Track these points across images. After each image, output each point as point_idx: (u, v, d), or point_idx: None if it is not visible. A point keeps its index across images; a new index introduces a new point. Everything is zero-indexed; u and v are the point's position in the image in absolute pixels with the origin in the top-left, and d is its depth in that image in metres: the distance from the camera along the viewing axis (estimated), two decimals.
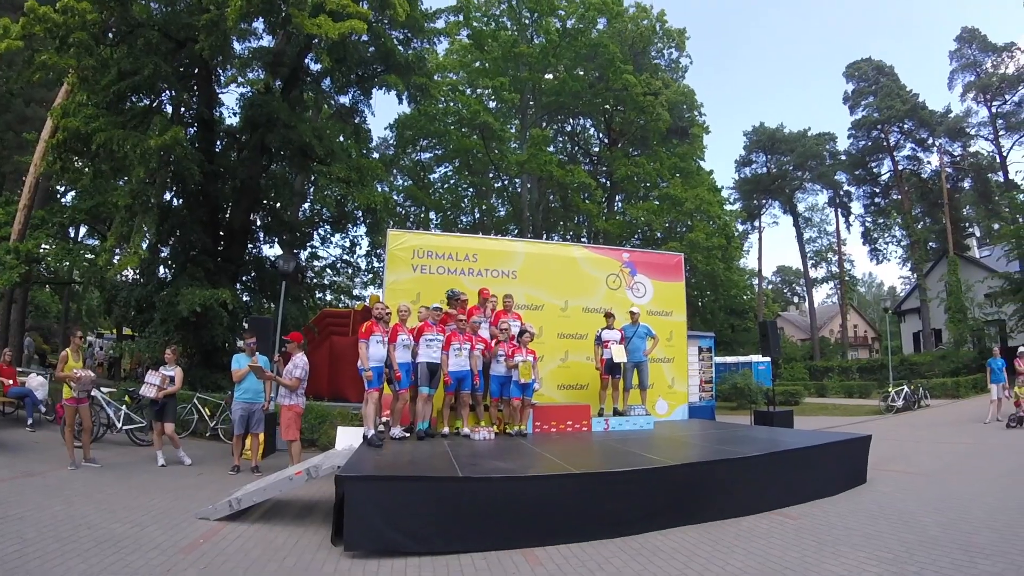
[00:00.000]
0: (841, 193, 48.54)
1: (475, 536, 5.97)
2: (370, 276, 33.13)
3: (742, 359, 28.19)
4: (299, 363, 9.88)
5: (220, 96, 20.95)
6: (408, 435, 9.27)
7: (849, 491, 8.38)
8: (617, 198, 36.46)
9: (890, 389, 22.28)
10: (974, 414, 18.39)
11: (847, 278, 50.76)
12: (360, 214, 22.02)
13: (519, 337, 10.30)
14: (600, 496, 6.50)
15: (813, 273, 52.49)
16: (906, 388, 22.21)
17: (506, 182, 35.73)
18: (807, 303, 54.93)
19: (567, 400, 12.34)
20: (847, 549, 5.77)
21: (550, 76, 31.49)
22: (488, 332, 10.67)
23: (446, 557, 5.69)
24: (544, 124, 35.02)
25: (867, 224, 47.25)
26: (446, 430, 9.99)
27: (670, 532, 6.46)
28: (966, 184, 42.75)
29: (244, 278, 21.64)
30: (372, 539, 5.82)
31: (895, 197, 44.55)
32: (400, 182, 38.26)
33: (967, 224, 44.34)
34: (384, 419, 9.45)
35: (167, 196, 19.23)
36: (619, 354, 11.56)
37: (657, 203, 31.02)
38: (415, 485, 6.23)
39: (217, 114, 20.20)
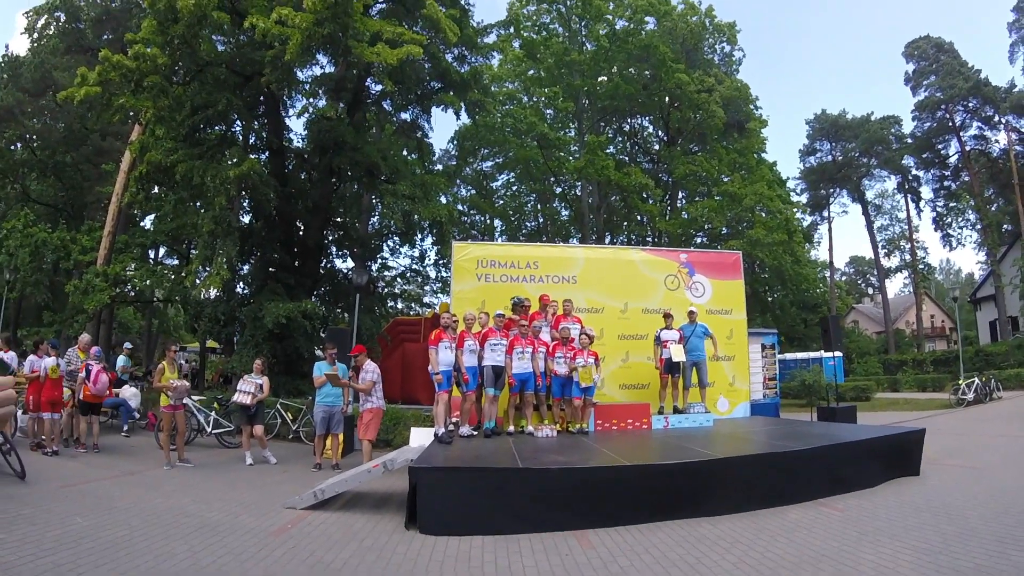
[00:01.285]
0: (910, 178, 46.89)
1: (533, 520, 6.52)
2: (439, 284, 33.94)
3: (813, 355, 27.87)
4: (369, 369, 10.67)
5: (288, 122, 22.09)
6: (475, 433, 9.87)
7: (899, 484, 8.48)
8: (680, 195, 36.43)
9: (960, 382, 21.80)
10: None
11: (921, 266, 49.21)
12: (426, 225, 22.84)
13: (578, 339, 10.84)
14: (649, 486, 6.98)
15: (885, 263, 50.87)
16: (977, 380, 21.63)
17: (567, 187, 36.10)
18: (880, 294, 53.65)
19: (628, 399, 12.70)
20: (886, 539, 5.96)
21: (604, 78, 31.71)
22: (549, 335, 11.17)
23: (507, 538, 6.25)
24: (602, 126, 35.25)
25: (938, 209, 45.52)
26: (512, 429, 10.54)
27: (717, 520, 6.80)
28: None
29: (319, 291, 22.74)
30: (442, 523, 6.47)
31: (965, 179, 42.82)
32: (464, 192, 39.06)
33: None
34: (454, 419, 10.05)
35: (245, 219, 20.45)
36: (678, 353, 11.85)
37: (718, 199, 31.00)
38: (480, 475, 6.88)
39: (286, 140, 21.26)
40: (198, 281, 18.96)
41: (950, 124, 42.33)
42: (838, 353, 18.83)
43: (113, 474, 9.74)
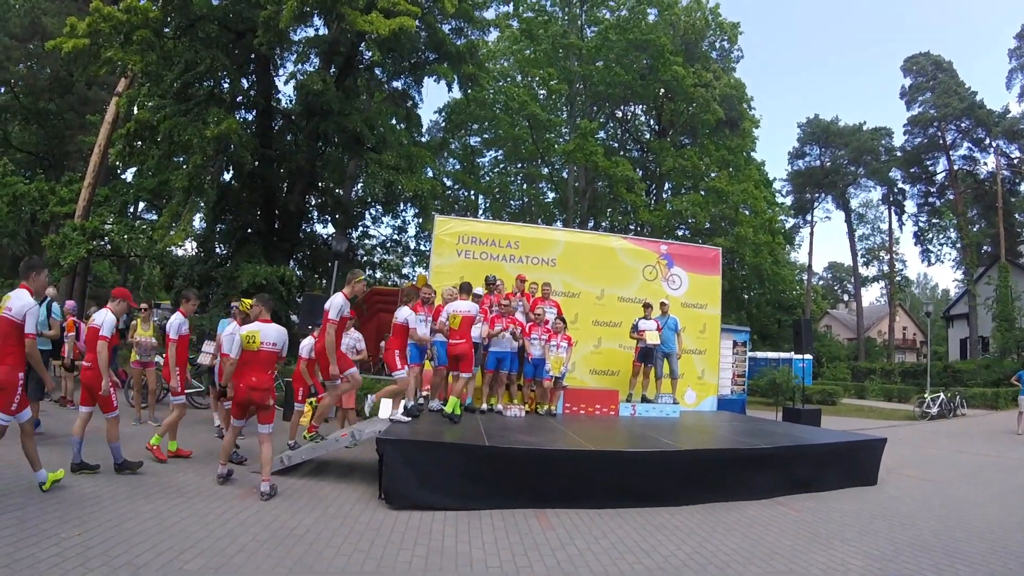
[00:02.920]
0: (895, 190, 47.53)
1: (496, 498, 6.63)
2: (418, 257, 33.82)
3: (784, 355, 28.14)
4: (356, 337, 10.49)
5: (277, 83, 21.80)
6: (443, 407, 9.85)
7: (856, 490, 8.62)
8: (666, 186, 36.47)
9: (926, 395, 22.13)
10: (1007, 426, 18.27)
11: (898, 278, 49.85)
12: (409, 196, 22.69)
13: (552, 322, 10.90)
14: (611, 472, 7.09)
15: (863, 271, 51.68)
16: (943, 395, 22.01)
17: (557, 166, 36.01)
18: (856, 302, 54.23)
19: (598, 385, 12.85)
20: (838, 543, 6.10)
21: (600, 64, 31.62)
22: (523, 315, 11.21)
23: (469, 514, 6.36)
24: (594, 110, 35.16)
25: (920, 224, 46.15)
26: (485, 406, 10.59)
27: (676, 511, 6.94)
28: (1023, 188, 41.55)
29: (298, 255, 22.55)
30: (406, 495, 6.53)
31: (950, 197, 43.34)
32: (450, 166, 38.87)
33: (1022, 230, 42.89)
34: (424, 392, 10.02)
35: (225, 177, 20.18)
36: (652, 337, 11.99)
37: (703, 195, 31.08)
38: (446, 450, 6.95)
39: (274, 100, 20.99)
40: (169, 236, 18.74)
41: (941, 142, 42.83)
42: (808, 356, 19.04)
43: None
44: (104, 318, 7.02)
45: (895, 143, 47.12)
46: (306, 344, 9.11)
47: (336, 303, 7.41)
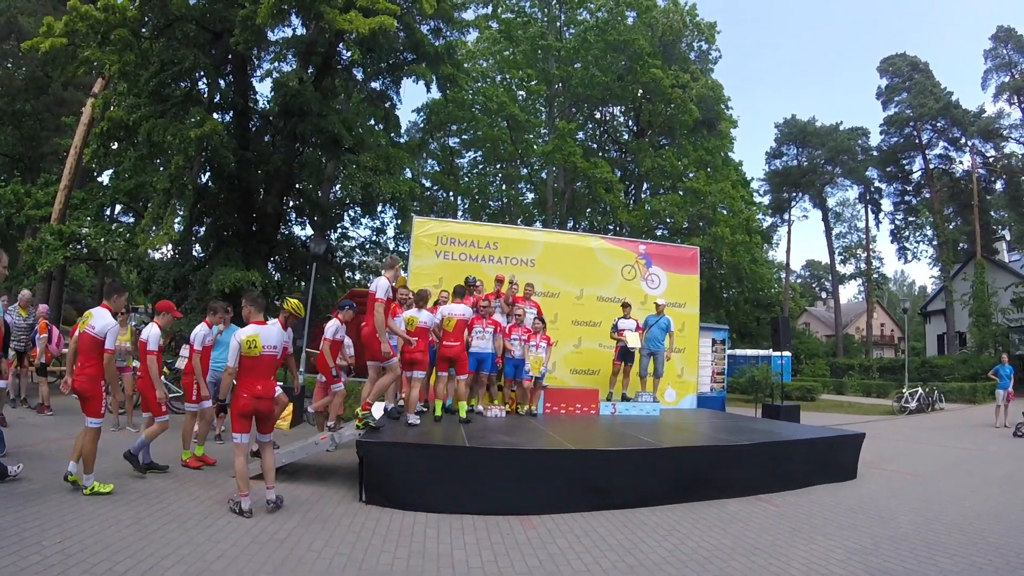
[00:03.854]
0: (872, 189, 48.33)
1: (477, 500, 6.61)
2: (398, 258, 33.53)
3: (763, 352, 28.33)
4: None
5: (255, 84, 21.60)
6: (425, 409, 9.76)
7: (836, 485, 8.74)
8: (644, 186, 36.60)
9: (904, 390, 22.41)
10: (985, 420, 18.56)
11: (875, 276, 50.44)
12: (387, 198, 22.56)
13: (531, 322, 10.91)
14: (593, 472, 7.09)
15: (841, 269, 52.42)
16: (920, 390, 22.32)
17: (536, 167, 36.01)
18: (833, 299, 54.73)
19: (578, 384, 12.89)
20: (819, 537, 6.19)
21: (579, 65, 31.67)
22: (503, 316, 11.18)
23: (450, 517, 6.34)
24: (573, 111, 35.22)
25: (897, 222, 46.96)
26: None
27: (656, 508, 7.00)
28: (998, 186, 42.20)
29: (276, 258, 22.35)
30: (386, 497, 6.54)
31: (926, 196, 44.17)
32: (428, 167, 38.73)
33: (997, 227, 43.73)
34: (403, 397, 9.95)
35: (203, 179, 19.97)
36: (633, 340, 12.06)
37: (681, 195, 31.18)
38: (426, 452, 6.91)
39: (252, 101, 20.81)
40: (149, 239, 18.53)
41: (917, 141, 43.56)
42: (787, 353, 19.15)
43: (58, 436, 9.55)
44: (150, 332, 7.48)
45: (872, 143, 48.04)
46: (331, 326, 9.00)
47: (382, 285, 7.67)
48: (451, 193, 37.96)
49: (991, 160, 41.55)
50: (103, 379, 6.59)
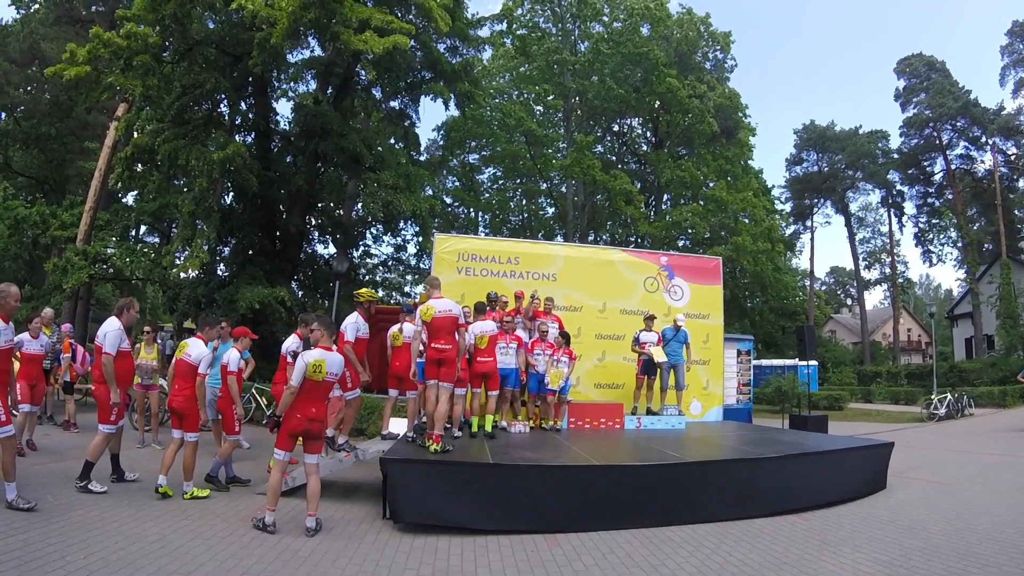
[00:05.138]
0: (894, 193, 47.75)
1: (502, 517, 6.53)
2: (419, 275, 33.80)
3: (789, 362, 28.09)
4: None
5: (275, 105, 21.93)
6: (449, 427, 9.74)
7: (866, 497, 8.57)
8: (664, 197, 36.53)
9: (933, 397, 22.07)
10: (1016, 424, 18.25)
11: (900, 280, 49.88)
12: (409, 215, 22.73)
13: (552, 336, 10.87)
14: (619, 487, 7.00)
15: (865, 275, 51.84)
16: (949, 396, 21.95)
17: (555, 181, 36.10)
18: (859, 306, 54.18)
19: (603, 398, 12.78)
20: (848, 550, 6.04)
21: (595, 79, 31.75)
22: (524, 331, 11.15)
23: (475, 534, 6.31)
24: (591, 124, 35.27)
25: (920, 225, 46.37)
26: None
27: (683, 525, 6.88)
28: (1021, 184, 41.60)
29: (299, 276, 22.60)
30: (410, 514, 6.49)
31: (948, 197, 43.54)
32: (449, 183, 38.97)
33: (1022, 226, 43.01)
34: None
35: (227, 200, 20.28)
36: (659, 354, 11.95)
37: (702, 204, 31.09)
38: (449, 468, 6.85)
39: (273, 123, 21.11)
40: (177, 262, 18.81)
41: (937, 142, 43.03)
42: (813, 362, 18.98)
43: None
44: (230, 356, 8.06)
45: (892, 145, 47.53)
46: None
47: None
48: (472, 209, 38.18)
49: (1013, 158, 41.02)
50: (196, 399, 7.55)
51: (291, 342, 8.63)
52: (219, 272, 21.19)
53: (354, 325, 8.17)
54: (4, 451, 6.08)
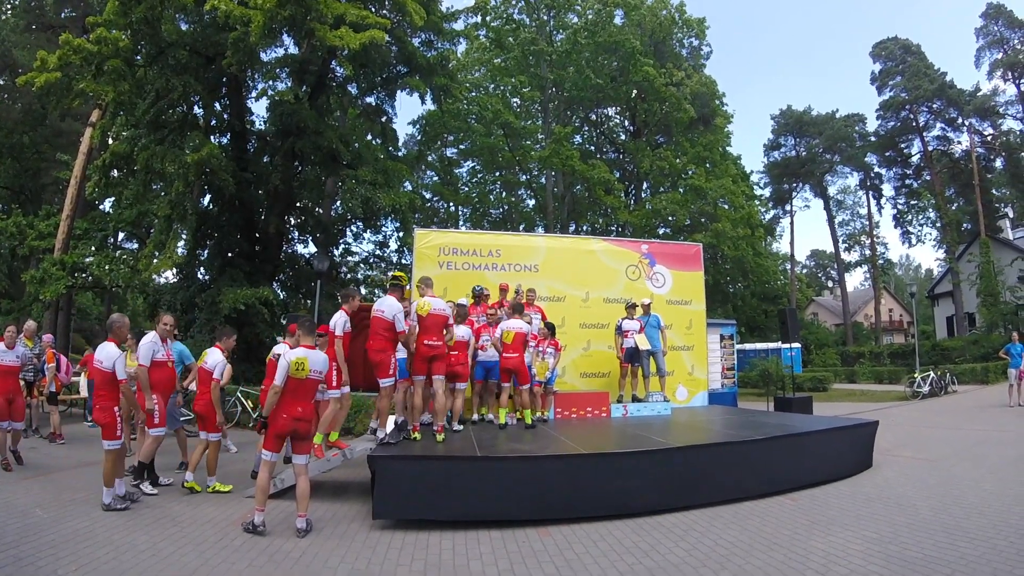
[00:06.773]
0: (872, 175, 48.21)
1: (492, 510, 6.54)
2: (401, 271, 33.56)
3: (772, 345, 28.25)
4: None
5: (250, 105, 21.75)
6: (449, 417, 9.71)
7: (853, 476, 8.64)
8: (644, 185, 36.61)
9: (916, 375, 22.29)
10: (998, 400, 18.39)
11: (880, 261, 50.32)
12: (388, 211, 22.66)
13: (538, 329, 10.87)
14: (607, 475, 7.02)
15: (846, 257, 52.29)
16: (932, 374, 22.17)
17: (534, 173, 36.08)
18: (840, 288, 54.60)
19: (589, 387, 12.77)
20: (837, 529, 6.12)
21: (571, 69, 31.74)
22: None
23: (465, 528, 6.31)
24: (568, 115, 35.29)
25: (899, 206, 46.83)
26: (476, 416, 10.53)
27: (672, 509, 6.93)
28: (998, 164, 42.08)
29: (280, 277, 22.45)
30: (399, 511, 6.49)
31: (926, 178, 44.07)
32: (428, 178, 38.85)
33: (1000, 205, 43.52)
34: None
35: (204, 202, 20.09)
36: (643, 341, 11.98)
37: (682, 192, 31.20)
38: (437, 463, 6.90)
39: (248, 122, 20.93)
40: (153, 264, 18.65)
41: (914, 124, 43.40)
42: (796, 344, 19.09)
43: (74, 464, 9.66)
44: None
45: (869, 128, 47.96)
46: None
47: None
48: (452, 203, 38.08)
49: (989, 138, 41.46)
50: (213, 402, 8.11)
51: (280, 349, 8.55)
52: (199, 276, 21.02)
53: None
54: None
